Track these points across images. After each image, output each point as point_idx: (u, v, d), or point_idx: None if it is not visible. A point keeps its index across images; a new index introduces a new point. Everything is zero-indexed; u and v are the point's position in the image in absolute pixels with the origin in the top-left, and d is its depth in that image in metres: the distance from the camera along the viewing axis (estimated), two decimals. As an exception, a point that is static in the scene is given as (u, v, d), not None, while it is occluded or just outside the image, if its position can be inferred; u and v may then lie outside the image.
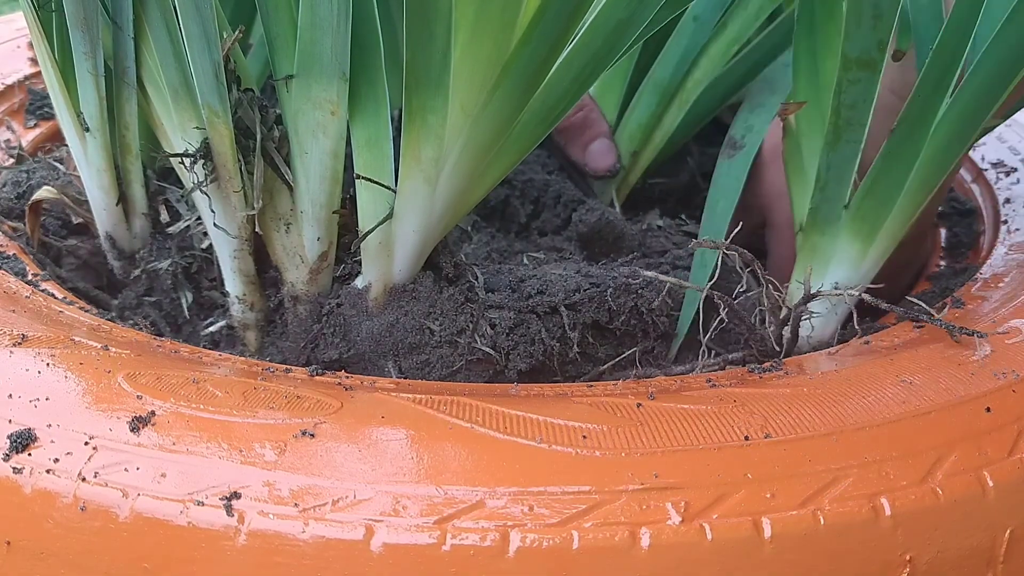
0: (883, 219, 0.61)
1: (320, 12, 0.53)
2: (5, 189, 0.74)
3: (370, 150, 0.57)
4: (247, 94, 0.57)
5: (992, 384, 0.52)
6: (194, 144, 0.58)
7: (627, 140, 0.80)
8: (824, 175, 0.61)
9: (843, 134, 0.59)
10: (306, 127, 0.57)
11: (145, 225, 0.68)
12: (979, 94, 0.57)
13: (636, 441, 0.46)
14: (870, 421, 0.49)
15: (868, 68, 0.57)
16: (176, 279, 0.66)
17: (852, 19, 0.56)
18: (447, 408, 0.48)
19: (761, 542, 0.43)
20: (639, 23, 0.53)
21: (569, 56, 0.53)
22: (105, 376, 0.50)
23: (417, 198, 0.56)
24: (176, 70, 0.58)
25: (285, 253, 0.60)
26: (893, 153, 0.58)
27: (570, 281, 0.59)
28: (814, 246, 0.63)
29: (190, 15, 0.54)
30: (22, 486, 0.45)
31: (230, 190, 0.58)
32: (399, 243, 0.57)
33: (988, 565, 0.46)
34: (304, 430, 0.46)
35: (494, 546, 0.42)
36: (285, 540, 0.42)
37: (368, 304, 0.58)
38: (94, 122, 0.64)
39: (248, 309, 0.63)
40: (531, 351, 0.57)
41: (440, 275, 0.59)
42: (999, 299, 0.63)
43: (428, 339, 0.57)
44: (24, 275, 0.64)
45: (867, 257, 0.62)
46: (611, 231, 0.73)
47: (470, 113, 0.53)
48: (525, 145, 0.57)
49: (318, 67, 0.55)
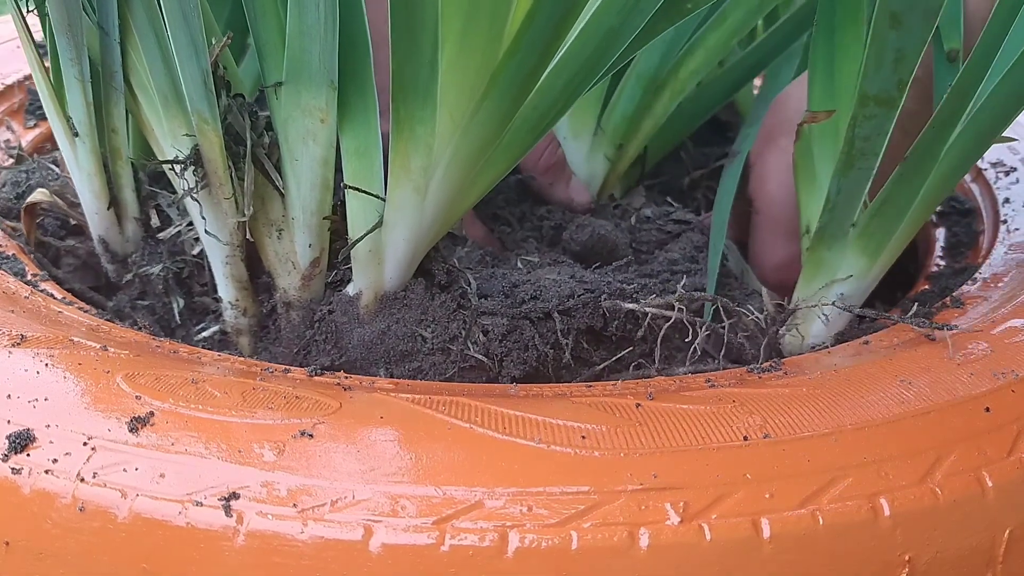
0: (889, 237, 0.63)
1: (308, 20, 0.53)
2: (5, 189, 0.74)
3: (359, 159, 0.57)
4: (237, 100, 0.57)
5: (992, 384, 0.52)
6: (184, 150, 0.58)
7: (611, 132, 0.80)
8: (834, 197, 0.62)
9: (855, 162, 0.60)
10: (296, 134, 0.57)
11: (137, 229, 0.68)
12: (990, 122, 0.59)
13: (635, 441, 0.46)
14: (869, 421, 0.48)
15: (886, 105, 0.58)
16: (167, 284, 0.66)
17: (873, 60, 0.56)
18: (446, 408, 0.48)
19: (760, 542, 0.43)
20: (630, 31, 0.53)
21: (559, 65, 0.53)
22: (104, 376, 0.50)
23: (407, 207, 0.56)
24: (165, 77, 0.57)
25: (277, 259, 0.60)
26: (904, 177, 0.60)
27: (564, 287, 0.59)
28: (820, 260, 0.65)
29: (177, 22, 0.53)
30: (21, 487, 0.45)
31: (221, 196, 0.58)
32: (389, 251, 0.57)
33: (987, 565, 0.46)
34: (303, 430, 0.46)
35: (493, 546, 0.42)
36: (284, 540, 0.42)
37: (359, 311, 0.58)
38: (83, 127, 0.64)
39: (241, 314, 0.63)
40: (524, 357, 0.57)
41: (432, 282, 0.59)
42: (999, 299, 0.63)
43: (420, 346, 0.57)
44: (23, 275, 0.64)
45: (872, 270, 0.64)
46: (604, 245, 0.73)
47: (459, 123, 0.53)
48: (515, 154, 0.57)
49: (307, 75, 0.55)
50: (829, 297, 0.64)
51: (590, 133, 0.80)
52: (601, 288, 0.59)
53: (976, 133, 0.59)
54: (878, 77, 0.57)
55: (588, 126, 0.79)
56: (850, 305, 0.63)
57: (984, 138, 0.60)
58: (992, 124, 0.59)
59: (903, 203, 0.61)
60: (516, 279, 0.60)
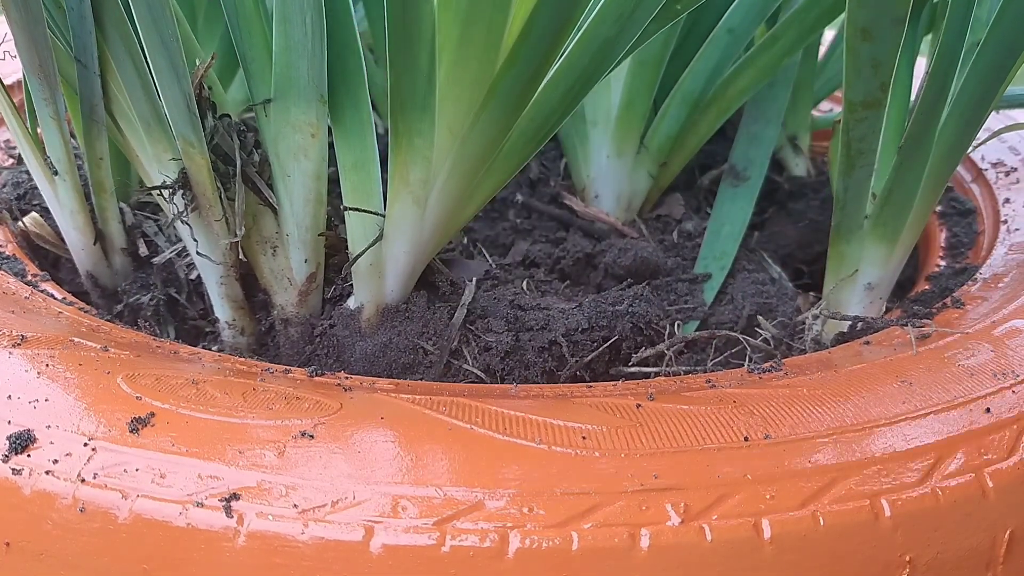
0: (903, 223, 0.65)
1: (294, 35, 0.53)
2: (5, 189, 0.74)
3: (357, 173, 0.57)
4: (223, 121, 0.56)
5: (992, 384, 0.52)
6: (171, 175, 0.57)
7: (655, 151, 0.80)
8: (843, 196, 0.65)
9: (856, 162, 0.63)
10: (287, 150, 0.57)
11: (126, 260, 0.68)
12: (975, 98, 0.60)
13: (636, 442, 0.46)
14: (870, 421, 0.48)
15: (873, 108, 0.60)
16: (159, 312, 0.65)
17: (851, 70, 0.59)
18: (446, 409, 0.48)
19: (761, 543, 0.43)
20: (627, 40, 0.53)
21: (556, 75, 0.53)
22: (104, 377, 0.50)
23: (407, 220, 0.56)
24: (146, 103, 0.57)
25: (273, 276, 0.60)
26: (905, 164, 0.62)
27: (571, 319, 0.59)
28: (841, 255, 0.68)
29: (156, 48, 0.53)
30: (21, 487, 0.44)
31: (211, 218, 0.57)
32: (390, 264, 0.57)
33: (988, 566, 0.46)
34: (303, 431, 0.46)
35: (493, 547, 0.42)
36: (284, 541, 0.42)
37: (361, 325, 0.58)
38: (62, 164, 0.64)
39: (239, 334, 0.63)
40: (526, 376, 0.57)
41: (436, 294, 0.59)
42: (999, 299, 0.63)
43: (422, 359, 0.57)
44: (23, 275, 0.64)
45: (893, 256, 0.67)
46: (647, 268, 0.73)
47: (457, 134, 0.53)
48: (514, 163, 0.57)
49: (295, 90, 0.55)
50: (856, 288, 0.67)
51: (633, 151, 0.80)
52: (614, 324, 0.59)
53: (964, 110, 0.61)
54: (860, 84, 0.59)
55: (632, 145, 0.80)
56: (878, 296, 0.67)
57: (974, 114, 0.61)
58: (981, 95, 0.60)
59: (909, 189, 0.63)
60: (523, 302, 0.60)
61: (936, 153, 0.62)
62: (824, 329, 0.66)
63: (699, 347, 0.65)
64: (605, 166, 0.80)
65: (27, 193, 0.73)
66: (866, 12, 0.55)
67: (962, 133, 0.62)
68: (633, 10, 0.50)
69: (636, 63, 0.77)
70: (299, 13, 0.53)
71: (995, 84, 0.60)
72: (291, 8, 0.53)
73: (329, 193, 0.59)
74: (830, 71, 0.94)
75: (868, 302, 0.67)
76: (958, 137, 0.62)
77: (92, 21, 0.56)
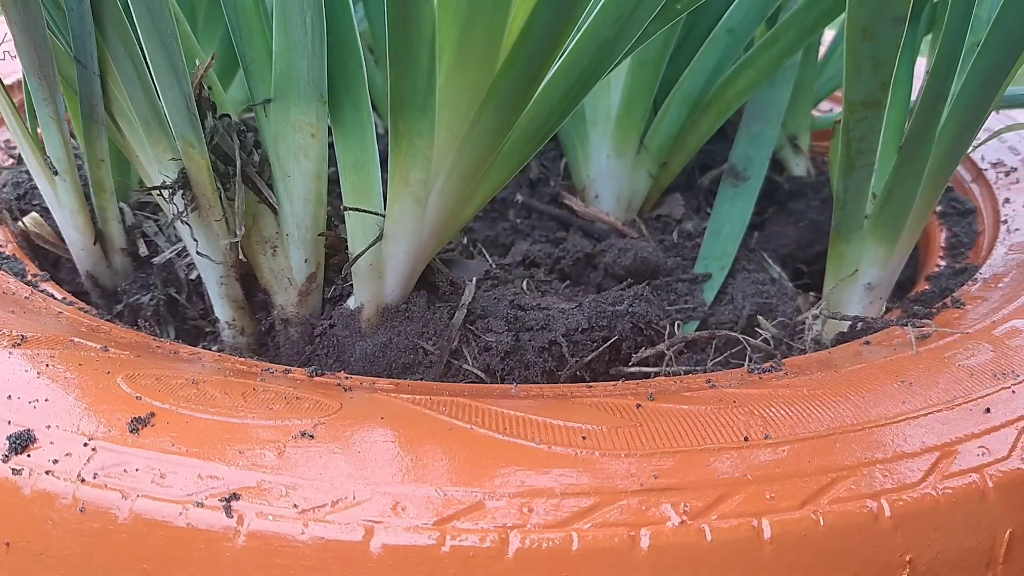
0: (902, 223, 0.65)
1: (294, 36, 0.53)
2: (6, 189, 0.74)
3: (357, 173, 0.57)
4: (223, 121, 0.56)
5: (992, 384, 0.52)
6: (171, 175, 0.57)
7: (655, 151, 0.80)
8: (843, 196, 0.65)
9: (856, 162, 0.63)
10: (287, 150, 0.57)
11: (126, 260, 0.67)
12: (975, 98, 0.60)
13: (636, 442, 0.46)
14: (870, 421, 0.48)
15: (872, 107, 0.60)
16: (159, 312, 0.65)
17: (851, 69, 0.59)
18: (446, 409, 0.48)
19: (761, 543, 0.43)
20: (627, 40, 0.53)
21: (556, 75, 0.53)
22: (104, 377, 0.50)
23: (407, 220, 0.56)
24: (146, 104, 0.57)
25: (273, 276, 0.60)
26: (905, 164, 0.62)
27: (571, 319, 0.59)
28: (841, 254, 0.68)
29: (156, 49, 0.53)
30: (21, 487, 0.44)
31: (211, 218, 0.57)
32: (390, 264, 0.57)
33: (988, 566, 0.46)
34: (303, 431, 0.46)
35: (493, 547, 0.42)
36: (284, 541, 0.42)
37: (361, 325, 0.58)
38: (62, 164, 0.64)
39: (239, 334, 0.63)
40: (526, 376, 0.57)
41: (436, 294, 0.59)
42: (999, 299, 0.63)
43: (422, 359, 0.57)
44: (23, 275, 0.64)
45: (893, 256, 0.67)
46: (647, 268, 0.73)
47: (457, 134, 0.53)
48: (514, 164, 0.57)
49: (295, 90, 0.55)
50: (856, 288, 0.67)
51: (633, 152, 0.80)
52: (614, 324, 0.59)
53: (964, 110, 0.61)
54: (860, 84, 0.59)
55: (632, 145, 0.80)
56: (878, 295, 0.67)
57: (974, 114, 0.62)
58: (981, 95, 0.61)
59: (909, 189, 0.64)
60: (523, 302, 0.60)
61: (936, 153, 0.63)
62: (824, 329, 0.66)
63: (699, 347, 0.65)
64: (605, 166, 0.80)
65: (27, 193, 0.73)
66: (866, 11, 0.55)
67: (962, 133, 0.62)
68: (633, 10, 0.50)
69: (636, 63, 0.77)
70: (299, 13, 0.53)
71: (995, 84, 0.60)
72: (291, 8, 0.53)
73: (329, 193, 0.59)
74: (830, 71, 0.94)
75: (868, 302, 0.67)
76: (958, 137, 0.62)
77: (92, 22, 0.56)
